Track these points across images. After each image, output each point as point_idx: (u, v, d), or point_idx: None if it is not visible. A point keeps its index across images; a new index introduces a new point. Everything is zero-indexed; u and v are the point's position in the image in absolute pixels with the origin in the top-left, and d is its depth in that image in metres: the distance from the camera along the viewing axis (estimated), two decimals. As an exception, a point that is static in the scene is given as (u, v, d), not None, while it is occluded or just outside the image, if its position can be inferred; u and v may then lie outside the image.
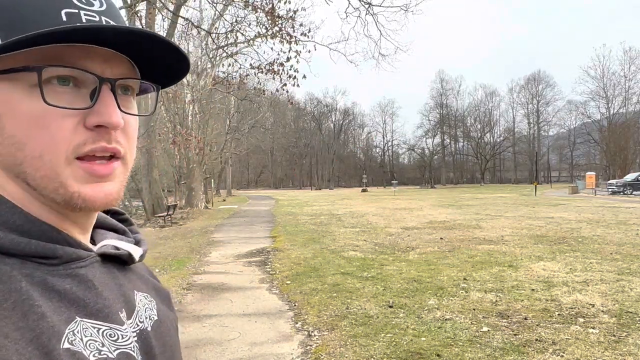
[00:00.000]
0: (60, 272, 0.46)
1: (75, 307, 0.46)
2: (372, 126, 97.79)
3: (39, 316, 0.42)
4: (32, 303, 0.42)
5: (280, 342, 4.50)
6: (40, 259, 0.45)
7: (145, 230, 16.58)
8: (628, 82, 67.68)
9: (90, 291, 0.48)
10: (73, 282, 0.47)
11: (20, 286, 0.42)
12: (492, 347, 4.16)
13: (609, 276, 6.71)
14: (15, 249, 0.44)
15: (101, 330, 0.47)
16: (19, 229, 0.44)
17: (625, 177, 39.26)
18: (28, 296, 0.42)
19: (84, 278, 0.48)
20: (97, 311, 0.48)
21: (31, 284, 0.43)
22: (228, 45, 16.32)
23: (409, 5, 17.31)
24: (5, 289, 0.41)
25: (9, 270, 0.42)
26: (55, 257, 0.46)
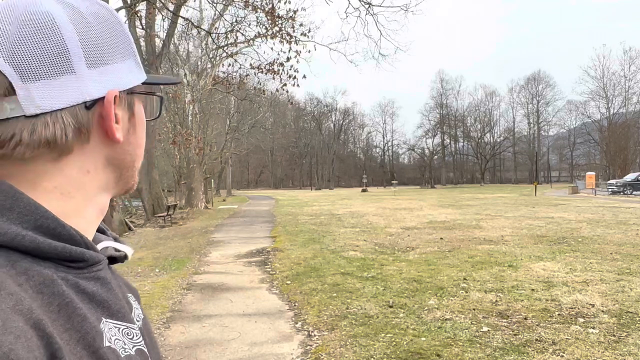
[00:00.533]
0: (86, 275, 0.50)
1: (101, 309, 0.50)
2: (372, 126, 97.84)
3: (82, 318, 0.46)
4: (75, 305, 0.46)
5: (280, 342, 4.50)
6: (70, 262, 0.49)
7: (145, 230, 16.58)
8: (628, 82, 67.72)
9: (110, 293, 0.53)
10: (97, 284, 0.51)
11: (62, 290, 0.46)
12: (492, 347, 4.16)
13: (609, 276, 6.70)
14: (51, 252, 0.47)
15: (121, 330, 0.52)
16: (52, 233, 0.47)
17: (625, 177, 39.25)
18: (70, 299, 0.46)
19: (105, 281, 0.53)
20: (116, 312, 0.52)
21: (67, 286, 0.47)
22: (228, 45, 16.32)
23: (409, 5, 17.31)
24: (50, 292, 0.44)
25: (50, 274, 0.46)
26: (83, 260, 0.50)
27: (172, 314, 5.48)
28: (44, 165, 0.49)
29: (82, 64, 0.50)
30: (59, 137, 0.48)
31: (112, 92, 0.52)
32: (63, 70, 0.48)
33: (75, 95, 0.49)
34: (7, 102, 0.46)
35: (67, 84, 0.49)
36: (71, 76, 0.49)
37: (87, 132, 0.51)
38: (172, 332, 4.82)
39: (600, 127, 65.69)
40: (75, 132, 0.50)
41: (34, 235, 0.46)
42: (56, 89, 0.48)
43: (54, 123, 0.48)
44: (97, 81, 0.51)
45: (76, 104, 0.49)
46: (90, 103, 0.51)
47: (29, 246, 0.45)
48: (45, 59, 0.48)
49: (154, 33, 19.37)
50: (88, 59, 0.51)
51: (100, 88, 0.51)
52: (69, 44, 0.49)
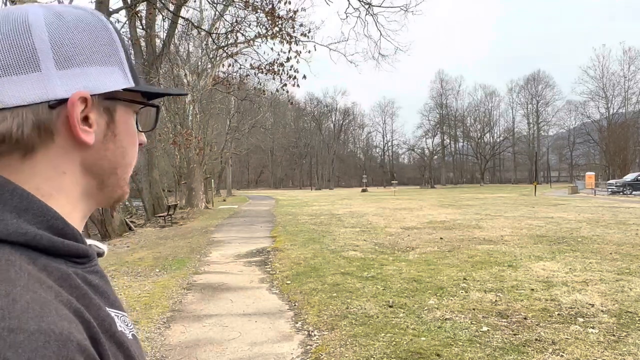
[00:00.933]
0: (88, 269, 0.54)
1: (104, 299, 0.53)
2: (372, 126, 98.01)
3: (98, 307, 0.50)
4: (90, 296, 0.50)
5: (280, 342, 4.51)
6: (77, 258, 0.52)
7: (145, 230, 16.59)
8: (627, 82, 67.78)
9: (107, 285, 0.57)
10: (97, 277, 0.55)
11: (78, 282, 0.49)
12: (491, 346, 4.17)
13: (608, 276, 6.71)
14: (63, 250, 0.50)
15: (119, 317, 0.55)
16: (61, 232, 0.51)
17: (624, 177, 39.27)
18: (85, 291, 0.50)
19: (102, 274, 0.57)
20: (114, 301, 0.56)
21: (79, 279, 0.50)
22: (228, 45, 16.32)
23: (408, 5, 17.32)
24: (69, 285, 0.48)
25: (65, 269, 0.49)
26: (87, 256, 0.54)
27: (172, 313, 5.49)
28: (16, 163, 0.51)
29: (49, 64, 0.51)
30: (14, 132, 0.49)
31: (78, 93, 0.52)
32: (28, 68, 0.50)
33: (39, 94, 0.50)
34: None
35: (32, 82, 0.50)
36: (36, 74, 0.50)
37: (49, 131, 0.51)
38: (172, 332, 4.83)
39: (600, 127, 65.71)
40: (34, 130, 0.50)
41: (49, 235, 0.49)
42: (20, 86, 0.49)
43: (13, 118, 0.49)
44: (66, 82, 0.52)
45: (40, 102, 0.50)
46: (55, 103, 0.51)
47: (46, 244, 0.48)
48: (11, 56, 0.49)
49: (154, 33, 19.38)
50: (58, 60, 0.51)
51: (68, 89, 0.52)
52: (37, 43, 0.50)
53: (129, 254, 10.39)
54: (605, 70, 70.61)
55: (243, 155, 59.80)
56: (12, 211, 0.48)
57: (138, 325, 4.97)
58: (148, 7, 14.89)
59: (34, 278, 0.44)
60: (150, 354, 4.24)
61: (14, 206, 0.49)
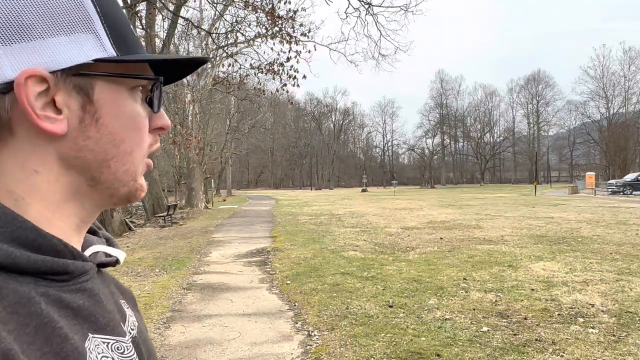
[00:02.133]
0: (71, 287, 0.45)
1: (87, 324, 0.45)
2: (372, 126, 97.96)
3: (62, 339, 0.41)
4: (54, 325, 0.41)
5: (280, 342, 4.51)
6: (52, 275, 0.43)
7: (145, 230, 16.59)
8: (628, 82, 67.79)
9: (98, 305, 0.47)
10: (83, 297, 0.46)
11: (40, 309, 0.40)
12: (491, 347, 4.16)
13: (608, 276, 6.71)
14: (30, 267, 0.41)
15: (110, 344, 0.47)
16: (31, 244, 0.42)
17: (624, 177, 39.28)
18: (49, 318, 0.40)
19: (92, 292, 0.47)
20: (105, 325, 0.47)
21: (47, 303, 0.41)
22: (228, 45, 16.33)
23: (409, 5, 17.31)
24: (26, 312, 0.39)
25: (27, 292, 0.40)
26: (67, 272, 0.44)
27: (172, 313, 5.48)
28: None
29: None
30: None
31: (27, 71, 0.42)
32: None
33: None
34: None
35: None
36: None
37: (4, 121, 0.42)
38: (172, 332, 4.83)
39: (600, 127, 65.73)
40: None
41: (9, 249, 0.40)
42: None
43: None
44: (15, 60, 0.42)
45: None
46: (4, 87, 0.42)
47: (5, 261, 0.40)
48: None
49: (154, 33, 19.38)
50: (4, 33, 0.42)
51: (19, 68, 0.42)
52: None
53: (128, 254, 10.39)
54: (606, 70, 70.66)
55: (243, 155, 59.82)
56: None
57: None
58: (148, 7, 14.89)
59: None
60: (150, 354, 4.24)
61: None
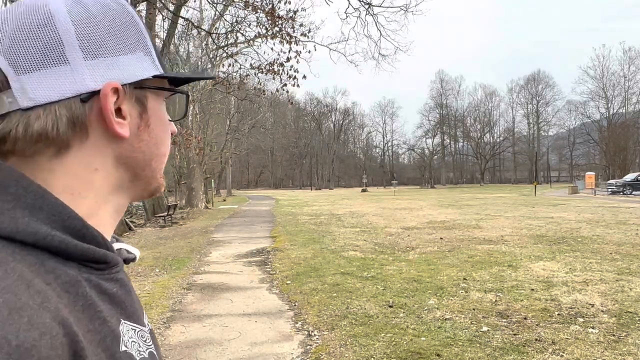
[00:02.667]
0: (107, 276, 0.50)
1: (120, 310, 0.50)
2: (372, 126, 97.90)
3: (102, 321, 0.46)
4: (96, 308, 0.46)
5: (280, 341, 4.51)
6: (93, 263, 0.48)
7: (145, 230, 16.59)
8: (627, 82, 67.77)
9: (128, 295, 0.53)
10: (116, 286, 0.51)
11: (85, 291, 0.46)
12: (491, 346, 4.16)
13: (608, 276, 6.71)
14: (77, 253, 0.46)
15: (136, 332, 0.52)
16: (77, 233, 0.47)
17: (624, 177, 39.27)
18: (92, 301, 0.46)
19: (123, 282, 0.53)
20: (132, 314, 0.52)
21: (90, 287, 0.47)
22: (228, 45, 16.32)
23: (408, 5, 17.29)
24: (75, 292, 0.45)
25: (75, 275, 0.46)
26: (105, 262, 0.50)
27: (173, 313, 5.49)
28: (48, 162, 0.49)
29: (77, 55, 0.49)
30: (50, 130, 0.47)
31: (110, 83, 0.50)
32: (55, 61, 0.48)
33: (70, 88, 0.48)
34: (6, 95, 0.47)
35: (61, 76, 0.48)
36: (64, 67, 0.48)
37: (83, 126, 0.49)
38: (172, 332, 4.83)
39: (600, 127, 65.74)
40: (69, 126, 0.48)
41: (62, 236, 0.46)
42: (49, 81, 0.47)
43: (46, 116, 0.47)
44: (96, 74, 0.50)
45: (71, 97, 0.48)
46: (87, 96, 0.49)
47: (58, 247, 0.45)
48: (37, 50, 0.47)
49: (154, 33, 19.38)
50: (85, 50, 0.49)
51: (99, 80, 0.50)
52: (63, 34, 0.48)
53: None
54: (605, 70, 70.63)
55: (243, 155, 59.81)
56: (24, 208, 0.45)
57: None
58: (148, 7, 14.90)
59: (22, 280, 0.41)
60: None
61: (27, 203, 0.46)
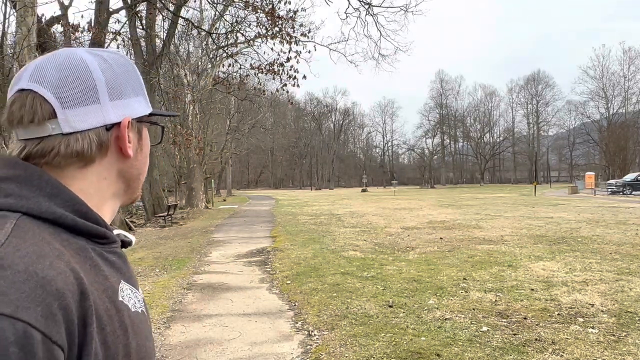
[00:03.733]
0: (107, 249, 0.67)
1: (120, 274, 0.67)
2: (372, 126, 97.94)
3: (104, 277, 0.63)
4: (100, 267, 0.63)
5: (280, 341, 4.51)
6: (97, 238, 0.66)
7: (145, 230, 16.58)
8: (627, 82, 67.75)
9: (125, 265, 0.70)
10: (115, 257, 0.68)
11: (92, 255, 0.63)
12: (491, 346, 4.17)
13: (608, 276, 6.72)
14: (84, 229, 0.64)
15: (133, 291, 0.68)
16: (84, 215, 0.64)
17: (624, 177, 39.25)
18: (97, 263, 0.63)
19: (121, 255, 0.71)
20: (129, 278, 0.69)
21: (95, 254, 0.64)
22: (228, 45, 16.32)
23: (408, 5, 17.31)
24: (85, 255, 0.62)
25: (83, 244, 0.63)
26: (106, 238, 0.67)
27: (173, 313, 5.49)
28: (74, 171, 0.66)
29: (105, 97, 0.67)
30: (86, 150, 0.66)
31: (127, 118, 0.70)
32: (92, 101, 0.66)
33: (100, 120, 0.67)
34: (50, 123, 0.64)
35: (94, 112, 0.66)
36: (97, 105, 0.66)
37: (106, 147, 0.68)
38: (173, 332, 4.83)
39: (600, 127, 65.68)
40: (98, 147, 0.67)
41: (73, 216, 0.62)
42: (86, 115, 0.65)
43: (83, 139, 0.65)
44: (116, 110, 0.69)
45: (99, 126, 0.67)
46: (110, 126, 0.68)
47: (70, 223, 0.62)
48: (79, 93, 0.65)
49: (154, 33, 19.38)
50: (110, 94, 0.68)
51: (118, 115, 0.69)
52: (97, 82, 0.67)
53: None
54: (605, 70, 70.60)
55: (243, 155, 59.76)
56: (45, 196, 0.62)
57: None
58: (148, 7, 14.89)
59: (45, 241, 0.57)
60: (150, 353, 4.24)
61: (48, 192, 0.62)
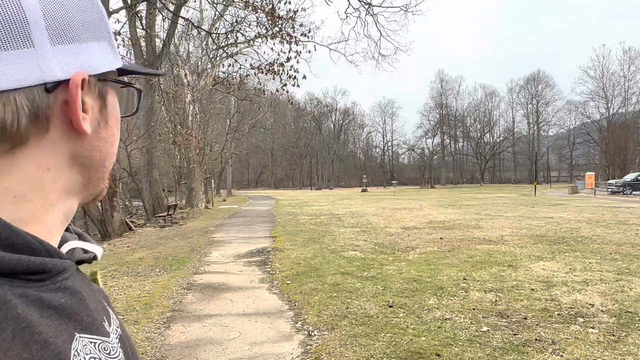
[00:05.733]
0: (50, 287, 0.43)
1: (73, 323, 0.43)
2: (372, 126, 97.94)
3: (42, 345, 0.38)
4: (32, 331, 0.38)
5: (280, 341, 4.51)
6: (29, 274, 0.41)
7: (145, 230, 16.59)
8: (627, 82, 67.78)
9: (81, 304, 0.45)
10: (65, 295, 0.44)
11: (17, 312, 0.37)
12: (491, 346, 4.17)
13: (608, 276, 6.72)
14: (5, 267, 0.39)
15: (97, 344, 0.45)
16: (4, 243, 0.39)
17: (624, 177, 39.26)
18: (27, 323, 0.38)
19: (74, 290, 0.45)
20: (89, 324, 0.45)
21: (26, 305, 0.39)
22: (228, 45, 16.33)
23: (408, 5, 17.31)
24: (2, 316, 0.36)
25: (2, 294, 0.37)
26: (44, 271, 0.42)
27: (173, 313, 5.49)
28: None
29: (43, 38, 0.42)
30: (9, 124, 0.40)
31: (80, 73, 0.44)
32: (19, 43, 0.40)
33: (34, 74, 0.41)
34: None
35: (24, 60, 0.40)
36: (29, 50, 0.41)
37: (45, 119, 0.42)
38: (173, 332, 4.83)
39: (600, 127, 65.74)
40: (31, 119, 0.41)
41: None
42: (9, 65, 0.40)
43: (4, 105, 0.39)
44: (63, 60, 0.43)
45: (34, 85, 0.41)
46: (52, 85, 0.42)
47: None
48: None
49: (154, 33, 19.40)
50: (52, 32, 0.42)
51: (66, 68, 0.43)
52: (28, 12, 0.41)
53: (129, 254, 10.39)
54: (605, 70, 70.71)
55: (243, 155, 59.77)
56: None
57: (138, 325, 4.97)
58: (148, 7, 14.90)
59: None
60: (150, 353, 4.24)
61: None
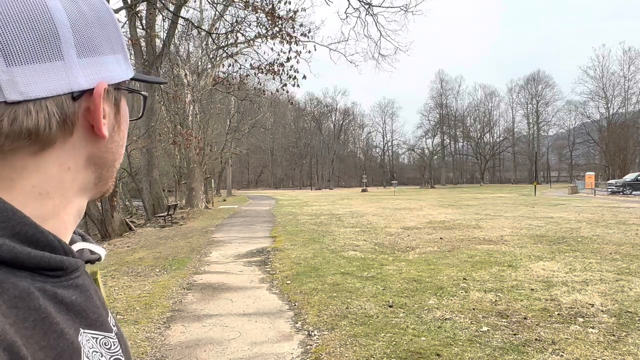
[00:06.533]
0: (64, 283, 0.47)
1: (79, 319, 0.47)
2: (372, 126, 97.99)
3: (58, 334, 0.43)
4: (51, 321, 0.43)
5: (280, 341, 4.51)
6: (49, 271, 0.45)
7: (145, 230, 16.59)
8: (627, 82, 67.79)
9: (89, 301, 0.50)
10: (75, 292, 0.48)
11: (38, 304, 0.42)
12: (491, 346, 4.17)
13: (608, 276, 6.72)
14: (29, 262, 0.43)
15: (99, 340, 0.49)
16: (30, 240, 0.44)
17: (624, 177, 39.26)
18: (47, 314, 0.42)
19: (83, 288, 0.50)
20: (94, 321, 0.49)
21: (44, 298, 0.43)
22: (228, 45, 16.33)
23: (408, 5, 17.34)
24: (25, 306, 0.41)
25: (26, 286, 0.42)
26: (62, 268, 0.47)
27: (173, 313, 5.49)
28: (23, 159, 0.45)
29: (71, 52, 0.47)
30: (42, 128, 0.44)
31: (102, 83, 0.49)
32: (51, 56, 0.45)
33: (63, 84, 0.46)
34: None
35: (55, 71, 0.45)
36: (59, 63, 0.46)
37: (72, 124, 0.47)
38: (173, 332, 4.83)
39: (600, 127, 65.74)
40: (60, 124, 0.46)
41: (11, 244, 0.42)
42: (42, 76, 0.44)
43: (37, 112, 0.44)
44: (87, 72, 0.48)
45: (63, 94, 0.46)
46: (78, 94, 0.48)
47: (6, 256, 0.42)
48: (32, 43, 0.44)
49: (154, 33, 19.39)
50: (79, 47, 0.48)
51: (90, 79, 0.49)
52: (60, 29, 0.46)
53: (129, 254, 10.39)
54: (605, 70, 70.85)
55: (243, 155, 59.77)
56: None
57: (138, 325, 4.98)
58: (148, 7, 14.91)
59: None
60: (150, 353, 4.24)
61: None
